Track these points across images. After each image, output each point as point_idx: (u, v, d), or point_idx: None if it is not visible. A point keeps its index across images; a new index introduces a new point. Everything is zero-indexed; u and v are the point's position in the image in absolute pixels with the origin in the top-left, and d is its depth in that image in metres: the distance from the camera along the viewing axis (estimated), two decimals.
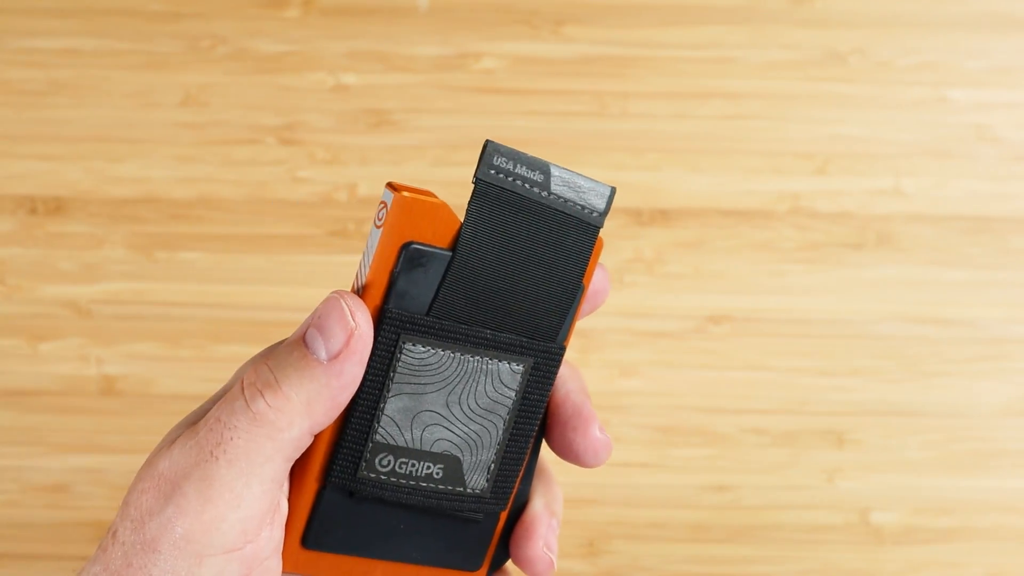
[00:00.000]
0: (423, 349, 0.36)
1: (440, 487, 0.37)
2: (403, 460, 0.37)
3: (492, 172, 0.36)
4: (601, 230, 0.38)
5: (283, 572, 0.36)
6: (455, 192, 0.67)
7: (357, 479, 0.36)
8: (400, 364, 0.36)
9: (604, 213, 0.37)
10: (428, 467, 0.37)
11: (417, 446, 0.37)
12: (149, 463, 0.35)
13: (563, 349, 0.38)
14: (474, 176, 0.36)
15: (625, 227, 0.67)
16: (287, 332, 0.67)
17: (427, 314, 0.36)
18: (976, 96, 0.68)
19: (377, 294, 0.35)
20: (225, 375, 0.66)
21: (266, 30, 0.67)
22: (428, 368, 0.36)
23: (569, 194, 0.36)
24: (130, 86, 0.67)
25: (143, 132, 0.67)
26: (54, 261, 0.67)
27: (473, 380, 0.37)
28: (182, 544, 0.33)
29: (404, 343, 0.36)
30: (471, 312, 0.36)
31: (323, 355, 0.34)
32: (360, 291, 0.36)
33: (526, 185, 0.36)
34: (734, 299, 0.67)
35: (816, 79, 0.68)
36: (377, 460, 0.36)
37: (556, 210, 0.36)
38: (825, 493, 0.67)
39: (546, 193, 0.36)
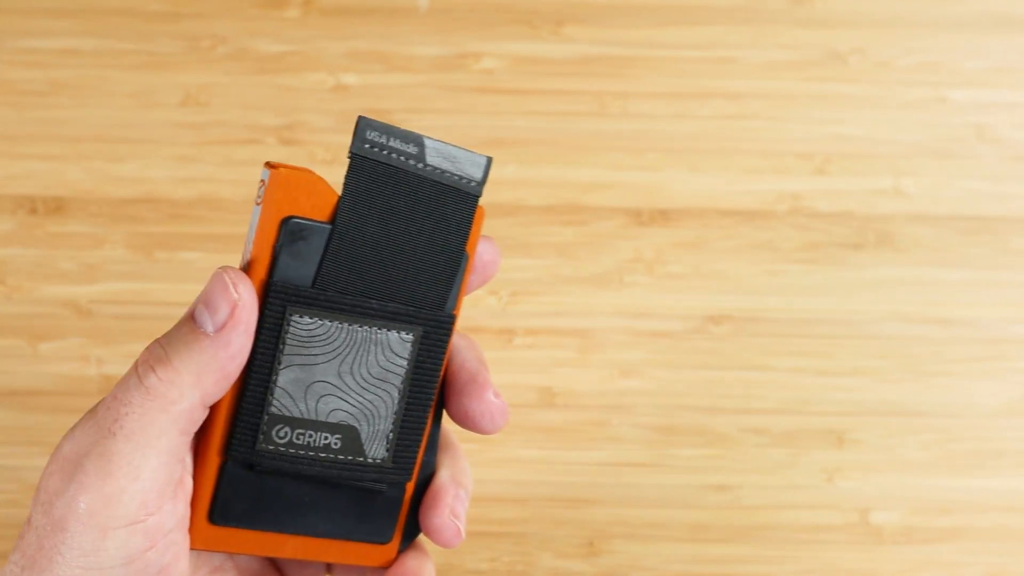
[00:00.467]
0: (310, 320, 0.37)
1: (339, 457, 0.38)
2: (300, 431, 0.37)
3: (366, 146, 0.37)
4: (481, 199, 0.39)
5: (192, 548, 0.37)
6: None
7: (256, 451, 0.37)
8: (289, 336, 0.37)
9: (481, 182, 0.38)
10: (326, 437, 0.38)
11: (313, 416, 0.38)
12: (55, 448, 0.36)
13: (452, 317, 0.39)
14: (349, 151, 0.37)
15: (625, 227, 0.67)
16: None
17: (312, 286, 0.37)
18: (976, 96, 0.68)
19: (261, 269, 0.36)
20: None
21: (266, 30, 0.67)
22: (317, 339, 0.37)
23: (445, 164, 0.37)
24: (130, 86, 0.67)
25: (143, 132, 0.67)
26: (54, 261, 0.67)
27: (363, 350, 0.38)
28: (86, 519, 0.34)
29: (291, 315, 0.37)
30: (355, 283, 0.37)
31: (210, 328, 0.35)
32: (246, 268, 0.37)
33: (401, 157, 0.37)
34: (734, 299, 0.67)
35: (816, 79, 0.68)
36: (274, 432, 0.37)
37: (433, 181, 0.37)
38: (825, 493, 0.67)
39: (422, 165, 0.37)
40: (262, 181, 0.37)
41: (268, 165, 0.37)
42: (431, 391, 0.39)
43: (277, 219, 0.36)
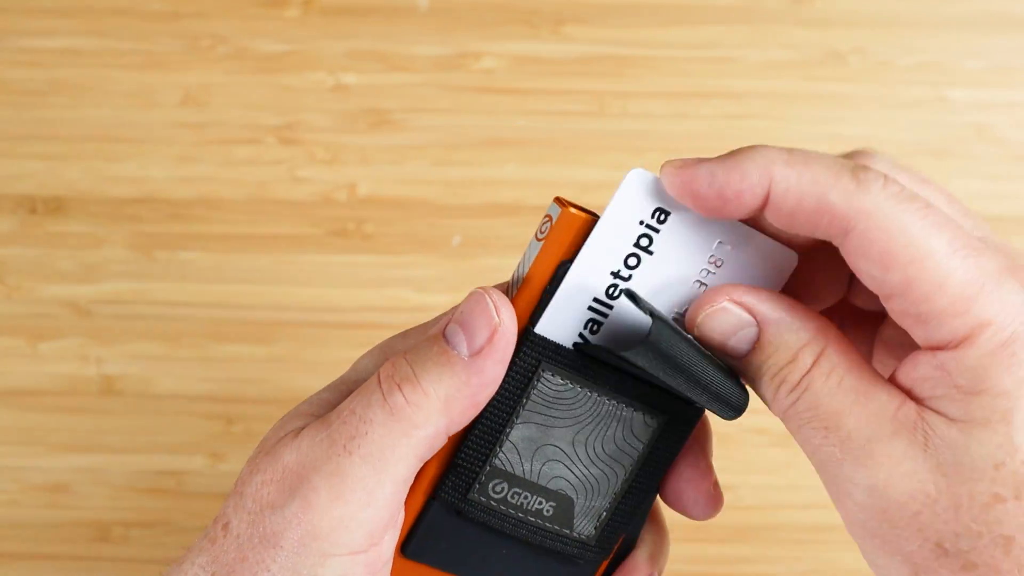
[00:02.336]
0: (561, 382, 0.34)
1: (547, 525, 0.36)
2: (516, 490, 0.35)
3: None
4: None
5: None
6: (456, 192, 0.67)
7: (467, 500, 0.35)
8: (535, 392, 0.34)
9: None
10: (540, 502, 0.36)
11: (534, 479, 0.35)
12: (270, 453, 0.33)
13: (703, 411, 0.37)
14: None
15: None
16: (287, 332, 0.67)
17: (574, 346, 0.34)
18: (976, 96, 0.68)
19: (526, 309, 0.34)
20: (225, 375, 0.66)
21: (266, 30, 0.67)
22: (563, 402, 0.35)
23: None
24: (130, 86, 0.67)
25: (143, 132, 0.67)
26: (54, 261, 0.67)
27: (605, 424, 0.35)
28: (308, 540, 0.31)
29: (544, 371, 0.34)
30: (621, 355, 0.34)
31: (464, 351, 0.32)
32: (512, 299, 0.34)
33: None
34: None
35: (816, 79, 0.68)
36: (491, 485, 0.35)
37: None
38: (825, 493, 0.67)
39: None
40: (547, 216, 0.34)
41: (557, 201, 0.34)
42: (657, 479, 0.37)
43: (555, 261, 0.33)
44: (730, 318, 0.32)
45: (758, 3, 0.68)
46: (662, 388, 0.35)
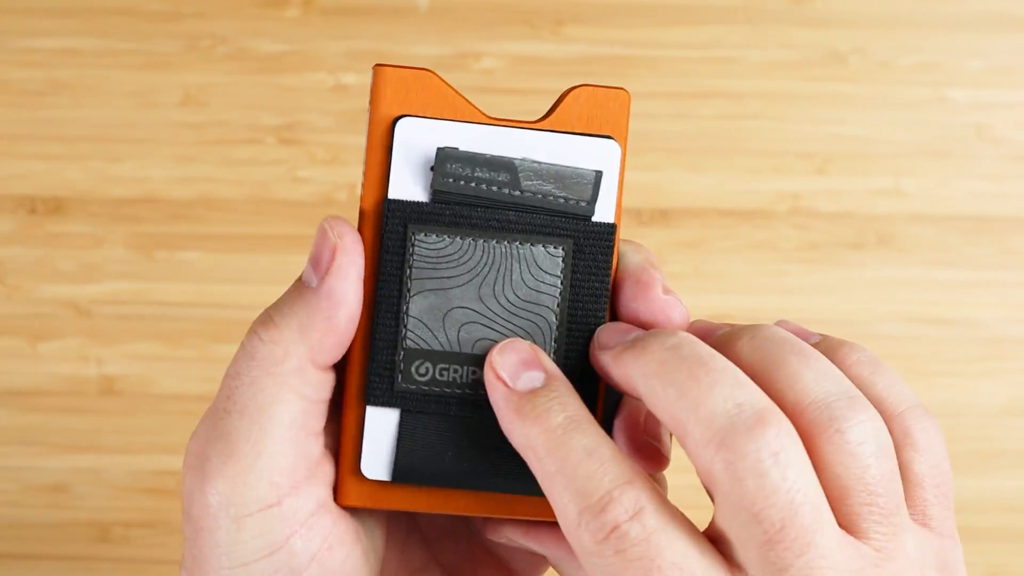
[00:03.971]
0: (437, 239, 0.33)
1: None
2: (443, 366, 0.33)
3: (449, 180, 0.34)
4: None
5: (340, 504, 0.33)
6: None
7: (395, 393, 0.33)
8: (415, 257, 0.33)
9: (592, 200, 0.34)
10: (474, 372, 0.33)
11: (456, 348, 0.33)
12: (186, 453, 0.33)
13: (612, 226, 0.34)
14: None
15: (625, 227, 0.67)
16: None
17: (433, 200, 0.33)
18: (976, 96, 0.68)
19: (377, 183, 0.33)
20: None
21: (266, 30, 0.67)
22: (448, 259, 0.33)
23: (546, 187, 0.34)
24: (130, 86, 0.67)
25: (143, 132, 0.67)
26: (54, 261, 0.67)
27: (505, 268, 0.33)
28: (218, 512, 0.31)
29: (414, 233, 0.32)
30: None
31: (314, 282, 0.33)
32: (362, 188, 0.34)
33: (493, 187, 0.34)
34: (734, 299, 0.67)
35: (816, 79, 0.68)
36: (413, 369, 0.33)
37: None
38: None
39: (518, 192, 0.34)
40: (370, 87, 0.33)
41: (374, 68, 0.33)
42: (601, 312, 0.34)
43: (387, 122, 0.33)
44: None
45: (758, 3, 0.68)
46: (550, 211, 0.33)
